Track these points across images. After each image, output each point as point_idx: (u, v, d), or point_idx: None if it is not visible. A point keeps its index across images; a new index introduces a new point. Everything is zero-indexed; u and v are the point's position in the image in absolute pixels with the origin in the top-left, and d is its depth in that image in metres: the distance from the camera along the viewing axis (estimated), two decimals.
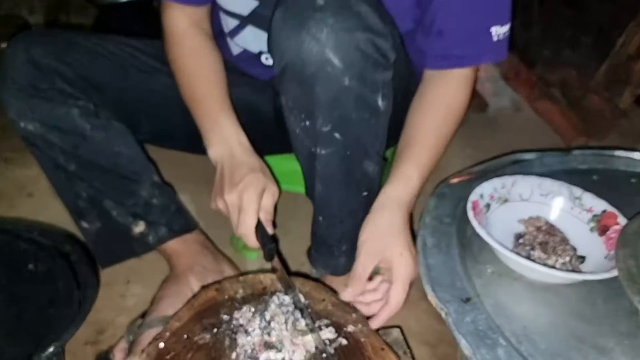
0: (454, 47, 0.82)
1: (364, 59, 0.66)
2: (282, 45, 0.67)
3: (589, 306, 0.71)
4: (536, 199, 0.84)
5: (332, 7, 0.64)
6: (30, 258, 0.70)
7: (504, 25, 0.82)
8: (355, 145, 0.74)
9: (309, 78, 0.67)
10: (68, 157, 0.85)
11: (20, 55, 0.83)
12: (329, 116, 0.70)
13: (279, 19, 0.67)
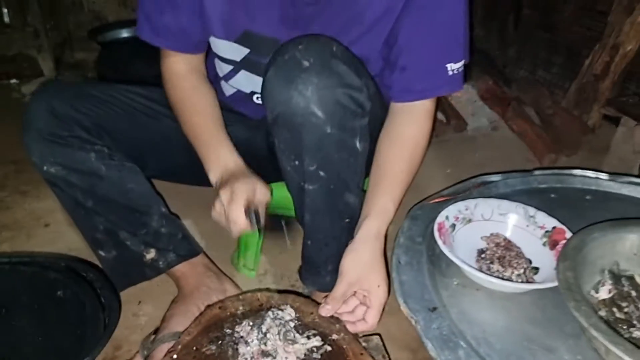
0: (415, 82, 0.94)
1: (343, 111, 0.79)
2: (274, 99, 0.80)
3: (540, 311, 0.83)
4: (496, 218, 0.96)
5: (315, 68, 0.77)
6: (59, 286, 0.81)
7: (458, 62, 0.94)
8: (337, 180, 0.87)
9: (297, 127, 0.80)
10: (86, 195, 0.97)
11: (42, 107, 0.95)
12: (314, 158, 0.83)
13: (272, 76, 0.80)
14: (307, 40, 0.81)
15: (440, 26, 0.91)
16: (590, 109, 1.90)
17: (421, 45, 0.92)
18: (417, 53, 0.92)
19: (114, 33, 2.42)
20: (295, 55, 0.78)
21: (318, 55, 0.78)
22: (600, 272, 0.84)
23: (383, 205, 0.90)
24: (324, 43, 0.81)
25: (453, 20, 0.91)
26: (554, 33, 2.25)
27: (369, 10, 0.91)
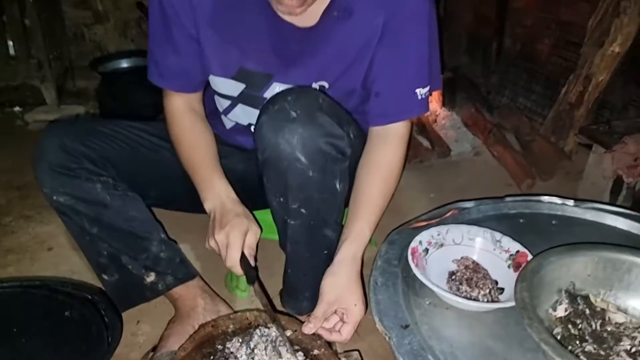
0: (388, 105, 1.05)
1: (324, 157, 0.90)
2: (264, 144, 0.91)
3: (502, 328, 0.91)
4: (466, 242, 1.05)
5: (301, 120, 0.88)
6: (66, 307, 0.89)
7: (425, 87, 1.05)
8: (317, 217, 0.97)
9: (283, 170, 0.90)
10: (92, 222, 1.06)
11: (53, 142, 1.04)
12: (296, 197, 0.93)
13: (263, 123, 0.91)
14: (297, 93, 0.92)
15: (408, 56, 1.02)
16: (567, 135, 2.01)
17: (392, 73, 1.03)
18: (389, 79, 1.04)
19: (114, 63, 2.53)
20: (284, 106, 0.88)
21: (305, 107, 0.89)
22: (557, 292, 0.92)
23: (359, 229, 1.00)
24: (311, 96, 0.92)
25: (418, 51, 1.02)
26: (534, 62, 2.37)
27: (349, 48, 1.02)
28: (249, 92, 1.09)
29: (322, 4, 0.94)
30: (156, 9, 1.02)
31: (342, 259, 0.98)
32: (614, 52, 1.84)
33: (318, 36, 0.99)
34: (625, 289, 0.93)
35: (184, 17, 1.00)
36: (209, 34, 1.01)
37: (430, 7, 1.00)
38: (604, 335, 0.86)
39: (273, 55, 1.03)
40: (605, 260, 0.93)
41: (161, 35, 1.04)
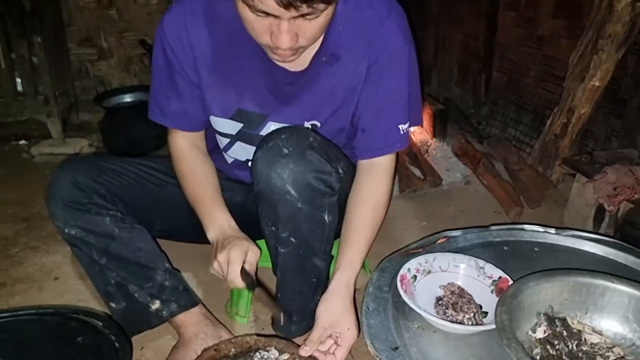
0: (373, 141, 1.14)
1: (313, 191, 0.98)
2: (258, 177, 0.99)
3: (486, 349, 0.98)
4: (452, 269, 1.12)
5: (293, 156, 0.96)
6: (78, 333, 0.95)
7: (406, 123, 1.14)
8: (306, 246, 1.05)
9: (275, 201, 0.98)
10: (101, 253, 1.13)
11: (65, 179, 1.12)
12: (286, 227, 1.01)
13: (258, 158, 0.99)
14: (290, 131, 1.00)
15: (390, 96, 1.11)
16: (553, 165, 2.10)
17: (376, 111, 1.12)
18: (373, 117, 1.12)
19: (117, 98, 2.64)
20: (278, 144, 0.97)
21: (296, 145, 0.97)
22: (537, 315, 0.99)
23: (351, 259, 1.07)
24: (302, 135, 1.00)
25: (399, 91, 1.11)
26: (521, 95, 2.48)
27: (337, 90, 1.10)
28: (246, 131, 1.18)
29: (312, 50, 1.04)
30: (160, 57, 1.11)
31: (335, 287, 1.05)
32: (595, 86, 1.93)
33: (308, 79, 1.08)
34: (599, 312, 1.00)
35: (186, 65, 1.09)
36: (209, 80, 1.10)
37: (409, 51, 1.09)
38: (579, 354, 0.93)
39: (268, 97, 1.11)
40: (581, 284, 1.00)
41: (164, 82, 1.12)
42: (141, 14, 3.02)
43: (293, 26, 0.86)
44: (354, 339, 1.01)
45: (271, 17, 0.84)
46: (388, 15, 1.04)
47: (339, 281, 1.05)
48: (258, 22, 0.87)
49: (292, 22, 0.85)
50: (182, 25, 1.05)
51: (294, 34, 0.88)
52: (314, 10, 0.83)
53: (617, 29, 1.82)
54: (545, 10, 2.27)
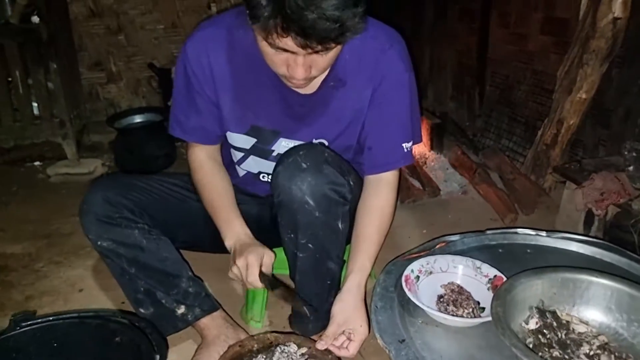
0: (379, 158, 1.24)
1: (328, 201, 1.10)
2: (279, 189, 1.11)
3: (484, 340, 1.08)
4: (451, 270, 1.23)
5: (310, 170, 1.08)
6: (117, 333, 1.05)
7: (409, 141, 1.25)
8: (322, 251, 1.16)
9: (294, 211, 1.10)
10: (130, 263, 1.23)
11: (98, 196, 1.22)
12: (304, 234, 1.12)
13: (279, 172, 1.11)
14: (307, 148, 1.12)
15: (393, 117, 1.22)
16: (545, 173, 2.21)
17: (381, 131, 1.23)
18: (379, 137, 1.24)
19: (128, 119, 2.74)
20: (297, 159, 1.09)
21: (313, 160, 1.09)
22: (529, 309, 1.10)
23: (362, 263, 1.18)
24: (318, 151, 1.12)
25: (401, 112, 1.23)
26: (513, 107, 2.60)
27: (344, 112, 1.22)
28: (259, 146, 1.29)
29: (321, 76, 1.15)
30: (181, 78, 1.23)
31: (348, 288, 1.16)
32: (582, 98, 2.06)
33: (317, 101, 1.20)
34: (585, 304, 1.11)
35: (206, 86, 1.20)
36: (227, 100, 1.21)
37: (409, 76, 1.21)
38: (567, 342, 1.04)
39: (280, 116, 1.23)
40: (568, 280, 1.11)
41: (185, 101, 1.24)
42: (148, 39, 3.16)
43: (307, 60, 0.98)
44: (365, 335, 1.12)
45: (288, 52, 0.96)
46: (390, 46, 1.16)
47: (351, 283, 1.16)
48: (276, 56, 0.99)
49: (306, 57, 0.97)
50: (204, 50, 1.17)
51: (308, 66, 0.99)
52: (328, 47, 0.95)
53: (601, 44, 1.94)
54: (534, 27, 2.40)
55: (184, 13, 3.16)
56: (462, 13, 2.92)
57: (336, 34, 0.90)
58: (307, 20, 0.86)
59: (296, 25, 0.87)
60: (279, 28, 0.89)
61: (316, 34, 0.89)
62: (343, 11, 0.88)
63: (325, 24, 0.87)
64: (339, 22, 0.88)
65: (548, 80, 2.32)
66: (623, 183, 1.72)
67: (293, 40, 0.90)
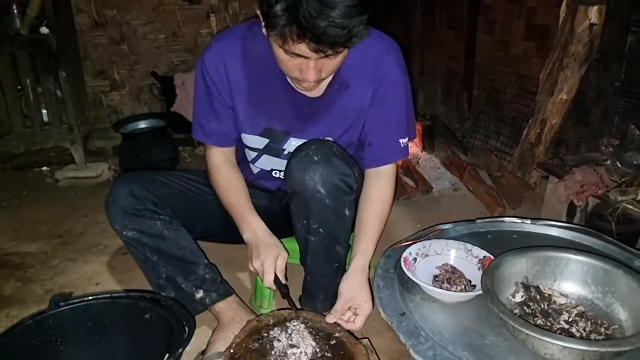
0: (379, 152, 1.37)
1: (337, 190, 1.22)
2: (293, 179, 1.23)
3: (476, 312, 1.20)
4: (445, 252, 1.36)
5: (321, 162, 1.20)
6: (147, 310, 1.16)
7: (405, 137, 1.38)
8: (331, 236, 1.28)
9: (307, 199, 1.22)
10: (153, 251, 1.35)
11: (124, 189, 1.34)
12: (317, 219, 1.25)
13: (293, 164, 1.23)
14: (318, 143, 1.25)
15: (391, 115, 1.35)
16: (530, 170, 2.35)
17: (380, 128, 1.36)
18: (378, 133, 1.36)
19: (133, 125, 2.85)
20: (309, 153, 1.21)
21: (324, 153, 1.21)
22: (515, 284, 1.23)
23: (365, 246, 1.30)
24: (328, 146, 1.25)
25: (398, 111, 1.36)
26: (500, 109, 2.74)
27: (347, 113, 1.35)
28: (271, 145, 1.41)
29: (327, 80, 1.28)
30: (201, 86, 1.35)
31: (354, 269, 1.28)
32: (563, 99, 2.20)
33: (323, 103, 1.33)
34: (565, 279, 1.24)
35: (224, 92, 1.33)
36: (243, 104, 1.34)
37: (405, 79, 1.34)
38: (549, 312, 1.16)
39: (291, 118, 1.35)
40: (549, 258, 1.25)
41: (205, 106, 1.36)
42: (150, 47, 3.29)
43: (318, 64, 1.11)
44: (369, 310, 1.24)
45: (302, 57, 1.09)
46: (387, 52, 1.29)
47: (357, 264, 1.29)
48: (290, 61, 1.11)
49: (317, 61, 1.10)
50: (221, 59, 1.29)
51: (319, 70, 1.12)
52: (336, 52, 1.08)
53: (579, 49, 2.09)
54: (517, 33, 2.55)
55: (184, 23, 3.29)
56: (450, 20, 3.07)
57: (345, 39, 1.03)
58: (320, 27, 0.99)
59: (310, 33, 1.00)
60: (295, 35, 1.01)
61: (327, 40, 1.02)
62: (350, 19, 1.00)
63: (335, 30, 1.00)
64: (347, 28, 1.01)
65: (531, 83, 2.46)
66: (601, 176, 1.86)
67: (307, 46, 1.03)
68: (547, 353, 1.03)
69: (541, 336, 0.99)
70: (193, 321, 1.10)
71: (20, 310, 1.68)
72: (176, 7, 3.23)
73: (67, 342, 1.18)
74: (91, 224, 2.27)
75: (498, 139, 2.71)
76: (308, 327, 1.16)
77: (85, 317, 1.18)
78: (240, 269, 1.80)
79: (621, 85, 2.03)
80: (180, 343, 1.04)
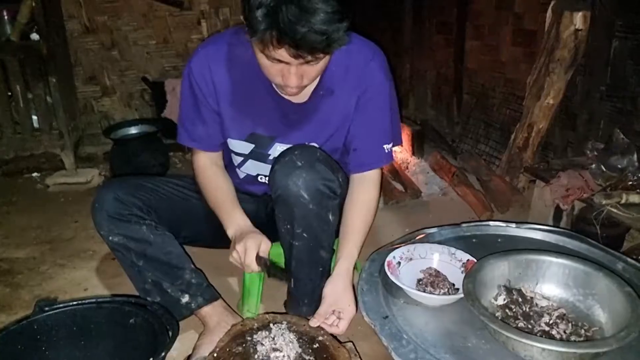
0: (363, 158, 1.38)
1: (321, 195, 1.23)
2: (277, 185, 1.24)
3: (458, 315, 1.22)
4: (429, 256, 1.37)
5: (305, 168, 1.21)
6: (131, 315, 1.17)
7: (389, 143, 1.39)
8: (315, 241, 1.29)
9: (291, 204, 1.23)
10: (139, 256, 1.35)
11: (109, 195, 1.34)
12: (300, 224, 1.25)
13: (277, 170, 1.24)
14: (301, 148, 1.26)
15: (375, 122, 1.36)
16: (518, 174, 2.37)
17: (364, 134, 1.37)
18: (363, 139, 1.37)
19: (124, 131, 2.86)
20: (292, 158, 1.22)
21: (307, 159, 1.22)
22: (497, 287, 1.24)
23: (349, 250, 1.31)
24: (311, 151, 1.26)
25: (382, 118, 1.37)
26: (489, 114, 2.77)
27: (332, 119, 1.36)
28: (257, 151, 1.42)
29: (312, 86, 1.29)
30: (187, 91, 1.36)
31: (338, 272, 1.29)
32: (549, 103, 2.22)
33: (309, 109, 1.34)
34: (547, 282, 1.25)
35: (209, 97, 1.34)
36: (228, 110, 1.35)
37: (390, 85, 1.35)
38: (531, 314, 1.18)
39: (276, 123, 1.36)
40: (531, 261, 1.26)
41: (192, 111, 1.37)
42: (141, 53, 3.30)
43: (299, 70, 1.12)
44: (353, 313, 1.25)
45: (283, 63, 1.10)
46: (372, 58, 1.31)
47: (340, 268, 1.29)
48: (272, 67, 1.12)
49: (298, 67, 1.11)
50: (206, 65, 1.30)
51: (300, 76, 1.13)
52: (317, 58, 1.09)
53: (565, 54, 2.11)
54: (505, 39, 2.58)
55: (174, 29, 3.30)
56: (439, 26, 3.09)
57: (324, 45, 1.04)
58: (299, 33, 1.00)
59: (289, 38, 1.01)
60: (274, 40, 1.03)
61: (306, 45, 1.03)
62: (330, 25, 1.02)
63: (314, 36, 1.01)
64: (326, 34, 1.02)
65: (519, 87, 2.49)
66: (586, 180, 1.88)
67: (287, 51, 1.04)
68: (527, 355, 1.04)
69: (520, 338, 1.00)
70: (177, 325, 1.11)
71: (7, 316, 1.68)
72: (167, 13, 3.24)
73: (52, 347, 1.18)
74: (81, 229, 2.27)
75: (487, 144, 2.73)
76: (292, 331, 1.17)
77: (70, 321, 1.18)
78: (228, 274, 1.81)
79: (607, 90, 2.06)
80: (163, 347, 1.05)
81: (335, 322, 1.24)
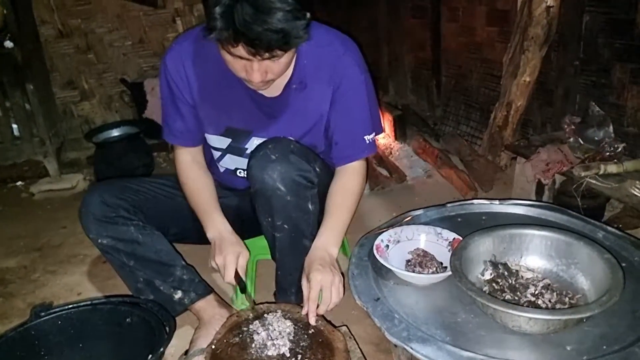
0: (345, 151, 1.40)
1: (297, 185, 1.25)
2: (254, 179, 1.25)
3: (447, 292, 1.24)
4: (416, 237, 1.40)
5: (279, 160, 1.22)
6: (127, 314, 1.18)
7: (371, 134, 1.41)
8: (297, 231, 1.31)
9: (269, 197, 1.25)
10: (129, 257, 1.37)
11: (96, 198, 1.36)
12: (279, 216, 1.27)
13: (253, 165, 1.25)
14: (275, 142, 1.27)
15: (354, 114, 1.38)
16: (500, 152, 2.41)
17: (344, 127, 1.39)
18: (343, 132, 1.39)
19: (106, 134, 2.85)
20: (266, 152, 1.24)
21: (281, 152, 1.24)
22: (483, 262, 1.27)
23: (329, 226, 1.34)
24: (285, 144, 1.27)
25: (361, 109, 1.38)
26: (468, 95, 2.80)
27: (308, 113, 1.37)
28: (234, 145, 1.44)
29: (284, 79, 1.30)
30: (164, 87, 1.37)
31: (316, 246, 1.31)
32: (526, 81, 2.26)
33: (282, 102, 1.35)
34: (531, 254, 1.28)
35: (185, 92, 1.35)
36: (203, 104, 1.36)
37: (365, 76, 1.36)
38: (517, 286, 1.21)
39: (251, 117, 1.37)
40: (514, 235, 1.29)
41: (170, 106, 1.39)
42: (118, 55, 3.28)
43: (262, 65, 1.13)
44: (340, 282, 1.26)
45: (244, 59, 1.11)
46: (344, 51, 1.32)
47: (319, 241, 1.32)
48: (235, 63, 1.13)
49: (261, 63, 1.11)
50: (180, 60, 1.32)
51: (264, 71, 1.14)
52: (275, 55, 1.10)
53: (538, 31, 2.14)
54: (480, 20, 2.60)
55: (150, 28, 3.28)
56: (414, 10, 3.11)
57: (281, 43, 1.05)
58: (254, 32, 1.01)
59: (244, 37, 1.02)
60: (231, 39, 1.04)
61: (262, 44, 1.04)
62: (287, 23, 1.03)
63: (271, 35, 1.02)
64: (283, 32, 1.03)
65: (496, 67, 2.52)
66: (565, 153, 1.92)
67: (244, 49, 1.06)
68: (514, 325, 1.07)
69: (508, 309, 1.03)
70: (173, 321, 1.13)
71: (3, 325, 1.69)
72: (141, 12, 3.22)
73: (50, 352, 1.20)
74: (69, 235, 2.27)
75: (468, 124, 2.76)
76: (287, 318, 1.19)
77: (67, 325, 1.20)
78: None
79: (580, 64, 2.10)
80: (162, 343, 1.06)
81: (326, 299, 1.25)
